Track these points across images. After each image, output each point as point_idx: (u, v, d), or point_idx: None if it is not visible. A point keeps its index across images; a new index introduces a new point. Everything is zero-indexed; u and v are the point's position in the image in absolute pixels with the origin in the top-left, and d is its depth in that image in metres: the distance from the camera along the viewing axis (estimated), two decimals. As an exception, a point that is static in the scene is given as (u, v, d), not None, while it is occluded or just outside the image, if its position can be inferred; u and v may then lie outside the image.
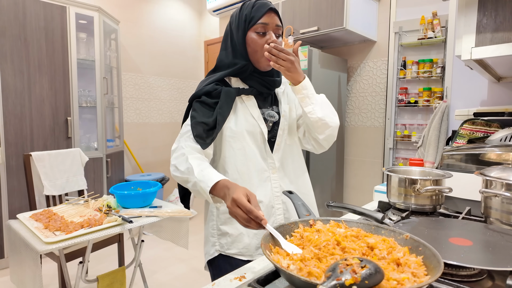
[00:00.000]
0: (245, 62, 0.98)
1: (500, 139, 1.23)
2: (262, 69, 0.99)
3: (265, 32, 0.96)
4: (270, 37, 0.95)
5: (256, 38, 0.95)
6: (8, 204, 2.34)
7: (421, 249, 0.57)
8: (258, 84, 1.01)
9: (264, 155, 1.01)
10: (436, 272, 0.48)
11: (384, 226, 0.67)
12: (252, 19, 0.95)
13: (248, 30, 0.96)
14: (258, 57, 0.97)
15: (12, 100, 2.33)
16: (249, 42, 0.96)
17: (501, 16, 0.92)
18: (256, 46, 0.95)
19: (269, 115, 1.03)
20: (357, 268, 0.44)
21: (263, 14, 0.94)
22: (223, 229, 1.00)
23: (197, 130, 0.95)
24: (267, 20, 0.95)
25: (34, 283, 1.26)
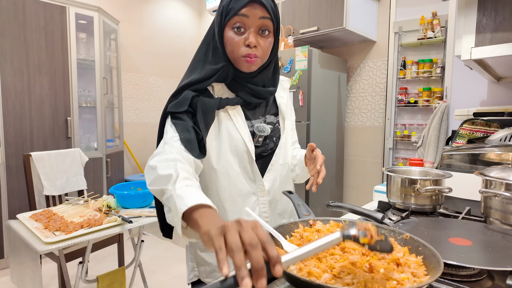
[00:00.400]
0: (224, 63, 0.81)
1: (500, 139, 1.23)
2: (244, 71, 0.82)
3: (244, 28, 0.78)
4: (248, 36, 0.78)
5: (233, 35, 0.78)
6: (8, 204, 2.34)
7: (421, 249, 0.57)
8: (246, 94, 0.85)
9: (252, 177, 0.86)
10: (436, 272, 0.48)
11: (384, 226, 0.67)
12: (230, 11, 0.77)
13: (225, 25, 0.79)
14: (235, 58, 0.80)
15: (12, 100, 2.33)
16: (226, 40, 0.80)
17: (501, 16, 0.92)
18: (233, 45, 0.79)
19: (258, 128, 0.86)
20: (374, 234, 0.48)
21: (243, 5, 0.75)
22: (202, 256, 0.89)
23: (186, 135, 0.75)
24: (248, 12, 0.76)
25: (34, 283, 1.26)
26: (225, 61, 0.82)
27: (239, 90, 0.85)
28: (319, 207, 2.54)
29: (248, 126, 0.86)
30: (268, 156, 0.90)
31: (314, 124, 2.44)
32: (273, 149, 0.91)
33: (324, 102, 2.54)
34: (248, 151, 0.85)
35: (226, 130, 0.84)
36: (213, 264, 0.88)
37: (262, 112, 0.91)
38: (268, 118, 0.91)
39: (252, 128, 0.87)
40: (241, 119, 0.85)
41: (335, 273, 0.50)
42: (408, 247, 0.59)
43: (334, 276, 0.49)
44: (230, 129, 0.84)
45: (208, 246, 0.45)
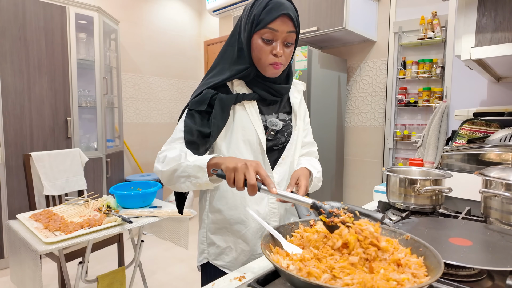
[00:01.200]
0: (248, 65, 0.89)
1: (500, 139, 1.23)
2: (268, 76, 0.91)
3: (272, 40, 0.85)
4: (275, 47, 0.85)
5: (262, 44, 0.86)
6: (8, 204, 2.34)
7: (422, 249, 0.57)
8: (262, 91, 0.92)
9: None
10: (436, 273, 0.48)
11: (385, 226, 0.67)
12: (260, 22, 0.83)
13: (254, 33, 0.86)
14: (262, 65, 0.88)
15: (12, 100, 2.33)
16: (253, 46, 0.87)
17: (501, 16, 0.92)
18: (260, 53, 0.86)
19: (270, 123, 0.93)
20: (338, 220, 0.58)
21: (274, 18, 0.82)
22: (212, 239, 0.96)
23: (190, 136, 0.85)
24: (278, 27, 0.83)
25: (34, 283, 1.26)
26: (249, 63, 0.89)
27: (257, 87, 0.91)
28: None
29: (261, 120, 0.92)
30: (279, 150, 0.96)
31: (314, 124, 2.44)
32: (284, 143, 0.96)
33: (324, 102, 2.54)
34: (260, 143, 0.90)
35: (240, 121, 0.90)
36: (221, 246, 0.94)
37: (276, 109, 0.97)
38: (280, 115, 0.97)
39: (265, 122, 0.92)
40: (256, 112, 0.91)
41: (334, 274, 0.50)
42: (409, 248, 0.59)
43: (334, 277, 0.49)
44: (244, 121, 0.90)
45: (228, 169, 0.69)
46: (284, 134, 0.96)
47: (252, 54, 0.88)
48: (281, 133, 0.95)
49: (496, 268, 0.58)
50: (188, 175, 0.77)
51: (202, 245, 0.98)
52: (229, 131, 0.90)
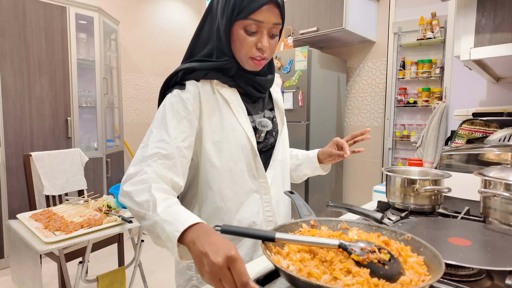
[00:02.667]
0: (228, 58, 0.78)
1: (499, 139, 1.23)
2: (248, 69, 0.81)
3: (257, 31, 0.75)
4: (260, 39, 0.75)
5: (244, 35, 0.74)
6: (8, 204, 2.34)
7: (422, 250, 0.58)
8: (246, 85, 0.83)
9: (255, 174, 0.84)
10: (438, 273, 0.48)
11: (385, 226, 0.67)
12: (243, 10, 0.72)
13: (235, 21, 0.74)
14: (241, 57, 0.78)
15: (12, 100, 2.33)
16: (234, 37, 0.76)
17: (500, 17, 0.92)
18: (242, 46, 0.75)
19: (261, 124, 0.84)
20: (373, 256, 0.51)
21: (259, 7, 0.71)
22: None
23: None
24: (263, 17, 0.72)
25: (34, 282, 1.26)
26: (229, 55, 0.78)
27: (240, 80, 0.82)
28: (319, 207, 2.54)
29: (249, 121, 0.84)
30: (268, 152, 0.89)
31: (313, 124, 2.45)
32: (273, 144, 0.90)
33: (323, 102, 2.54)
34: (252, 147, 0.83)
35: (229, 126, 0.81)
36: None
37: (261, 107, 0.89)
38: (266, 113, 0.90)
39: (253, 123, 0.85)
40: (244, 114, 0.83)
41: (335, 275, 0.50)
42: (410, 248, 0.59)
43: (334, 278, 0.50)
44: (233, 124, 0.81)
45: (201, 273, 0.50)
46: (273, 133, 0.89)
47: (232, 45, 0.77)
48: (270, 133, 0.88)
49: (496, 268, 0.58)
50: (158, 236, 0.60)
51: (189, 271, 0.84)
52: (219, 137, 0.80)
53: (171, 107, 0.75)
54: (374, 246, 0.53)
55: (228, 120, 0.80)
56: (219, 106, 0.80)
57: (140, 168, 0.68)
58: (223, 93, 0.81)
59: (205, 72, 0.79)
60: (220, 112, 0.80)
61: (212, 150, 0.80)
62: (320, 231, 0.66)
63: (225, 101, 0.81)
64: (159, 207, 0.60)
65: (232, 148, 0.80)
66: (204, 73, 0.79)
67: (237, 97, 0.83)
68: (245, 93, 0.85)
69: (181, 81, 0.79)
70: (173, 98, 0.76)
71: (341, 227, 0.69)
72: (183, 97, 0.76)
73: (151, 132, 0.74)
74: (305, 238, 0.56)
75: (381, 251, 0.52)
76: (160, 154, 0.70)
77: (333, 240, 0.54)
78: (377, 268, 0.50)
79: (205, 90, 0.79)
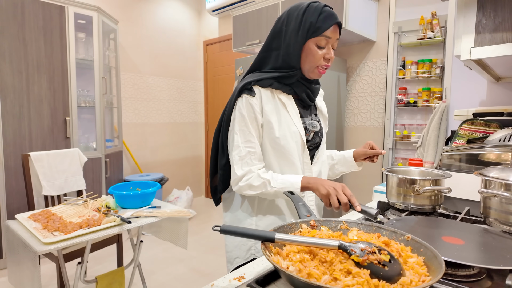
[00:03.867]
0: (296, 68, 0.95)
1: (499, 139, 1.23)
2: (310, 78, 0.99)
3: (325, 46, 0.93)
4: (328, 52, 0.94)
5: (316, 49, 0.93)
6: (7, 204, 2.33)
7: (423, 250, 0.57)
8: (303, 93, 1.00)
9: (303, 167, 1.01)
10: (438, 273, 0.48)
11: (386, 227, 0.67)
12: (317, 29, 0.90)
13: (309, 38, 0.92)
14: (310, 67, 0.95)
15: (11, 100, 2.32)
16: (307, 51, 0.93)
17: (500, 17, 0.92)
18: (314, 58, 0.93)
19: (311, 124, 1.02)
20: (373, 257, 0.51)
21: (330, 25, 0.90)
22: None
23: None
24: (331, 34, 0.92)
25: (32, 283, 1.25)
26: (297, 66, 0.95)
27: (298, 88, 0.99)
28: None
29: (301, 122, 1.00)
30: (312, 150, 1.05)
31: (313, 124, 2.44)
32: (318, 144, 1.06)
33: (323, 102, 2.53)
34: (303, 143, 0.99)
35: (286, 124, 0.97)
36: None
37: (310, 112, 1.06)
38: (313, 117, 1.07)
39: (304, 124, 1.01)
40: (297, 115, 0.99)
41: (335, 276, 0.49)
42: (410, 248, 0.59)
43: (334, 279, 0.49)
44: (289, 123, 0.97)
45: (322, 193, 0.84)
46: (319, 134, 1.06)
47: (303, 58, 0.94)
48: (317, 134, 1.04)
49: (491, 267, 0.59)
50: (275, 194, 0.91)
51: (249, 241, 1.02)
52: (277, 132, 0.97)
53: (246, 112, 0.94)
54: (374, 247, 0.53)
55: (285, 119, 0.97)
56: (277, 108, 0.97)
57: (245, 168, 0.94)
58: (281, 97, 0.98)
59: (270, 82, 0.96)
60: (278, 112, 0.97)
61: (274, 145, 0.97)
62: (320, 232, 0.66)
63: (282, 104, 0.98)
64: (272, 182, 0.91)
65: (288, 142, 0.97)
66: (269, 83, 0.96)
67: (292, 102, 1.00)
68: (298, 99, 1.02)
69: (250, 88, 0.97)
70: (245, 104, 0.95)
71: (341, 228, 0.69)
72: (251, 102, 0.94)
73: (237, 135, 0.95)
74: (305, 239, 0.56)
75: (381, 252, 0.52)
76: (251, 153, 0.95)
77: (333, 241, 0.55)
78: (377, 269, 0.49)
79: (266, 94, 0.97)
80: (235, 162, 0.95)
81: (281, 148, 0.97)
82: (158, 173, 3.57)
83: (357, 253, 0.52)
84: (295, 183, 0.89)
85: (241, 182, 0.94)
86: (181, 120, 4.15)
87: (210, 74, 4.26)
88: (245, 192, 0.94)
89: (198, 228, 3.27)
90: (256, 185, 0.92)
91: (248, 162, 0.94)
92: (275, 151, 0.97)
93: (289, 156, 0.97)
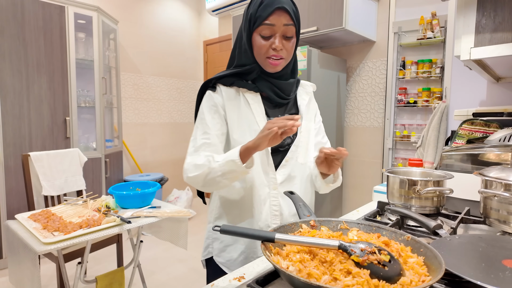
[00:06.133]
0: (252, 64, 0.92)
1: (499, 139, 1.23)
2: (269, 71, 0.93)
3: (271, 35, 0.88)
4: (274, 40, 0.87)
5: (261, 41, 0.88)
6: (7, 204, 2.33)
7: (423, 250, 0.57)
8: (267, 89, 0.94)
9: (266, 169, 0.94)
10: (438, 274, 0.48)
11: (386, 227, 0.67)
12: (257, 19, 0.86)
13: (253, 31, 0.89)
14: (261, 60, 0.91)
15: (11, 100, 2.32)
16: (254, 44, 0.90)
17: (500, 17, 0.92)
18: (260, 49, 0.89)
19: None
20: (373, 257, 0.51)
21: (269, 14, 0.85)
22: (217, 234, 0.99)
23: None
24: (274, 21, 0.85)
25: (32, 283, 1.25)
26: (252, 62, 0.92)
27: (263, 85, 0.94)
28: (318, 206, 2.54)
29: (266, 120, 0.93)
30: (283, 152, 0.97)
31: (313, 124, 2.44)
32: (289, 145, 0.97)
33: (323, 102, 2.53)
34: None
35: (247, 123, 0.92)
36: (224, 242, 0.97)
37: (282, 111, 0.98)
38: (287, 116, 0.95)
39: None
40: (262, 114, 0.93)
41: (335, 276, 0.49)
42: (410, 248, 0.59)
43: (334, 279, 0.49)
44: (250, 122, 0.92)
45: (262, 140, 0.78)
46: (290, 136, 0.95)
47: (254, 52, 0.91)
48: None
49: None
50: (223, 173, 0.83)
51: (207, 239, 1.02)
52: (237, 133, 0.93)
53: (206, 105, 0.93)
54: (374, 247, 0.52)
55: (246, 117, 0.92)
56: (240, 106, 0.93)
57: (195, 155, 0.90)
58: (246, 95, 0.94)
59: (232, 80, 0.94)
60: (239, 111, 0.93)
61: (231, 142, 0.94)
62: (320, 232, 0.66)
63: (246, 102, 0.93)
64: (216, 157, 0.84)
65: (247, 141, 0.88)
66: (231, 82, 0.94)
67: (258, 100, 0.94)
68: (267, 98, 0.95)
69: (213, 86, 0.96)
70: (206, 98, 0.94)
71: (341, 228, 0.69)
72: (213, 95, 0.93)
73: (197, 128, 0.93)
74: (305, 239, 0.57)
75: (381, 252, 0.52)
76: (206, 144, 0.90)
77: (333, 241, 0.55)
78: (377, 269, 0.49)
79: (229, 92, 0.94)
80: (189, 153, 0.92)
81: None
82: (158, 173, 3.57)
83: (357, 253, 0.52)
84: (234, 151, 0.82)
85: (187, 165, 0.89)
86: (181, 120, 4.14)
87: (210, 74, 4.26)
88: (191, 174, 0.87)
89: (198, 228, 3.27)
90: (200, 163, 0.86)
91: (200, 153, 0.89)
92: None
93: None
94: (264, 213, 0.93)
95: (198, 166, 0.86)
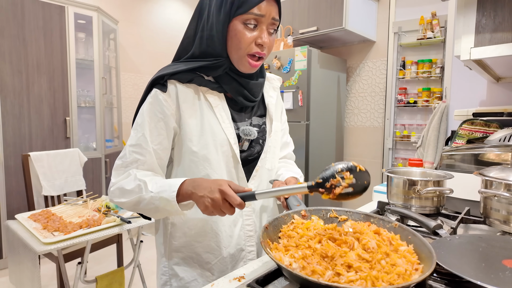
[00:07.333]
0: (221, 57, 0.74)
1: (499, 139, 1.23)
2: (241, 71, 0.76)
3: (257, 25, 0.71)
4: (261, 35, 0.72)
5: (244, 31, 0.70)
6: (7, 204, 2.33)
7: (410, 237, 0.60)
8: (234, 93, 0.77)
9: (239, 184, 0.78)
10: (431, 262, 0.49)
11: (373, 214, 0.70)
12: (243, 4, 0.69)
13: (234, 16, 0.70)
14: (240, 55, 0.73)
15: (11, 100, 2.32)
16: (232, 33, 0.71)
17: (500, 17, 0.92)
18: (240, 42, 0.71)
19: (244, 132, 0.78)
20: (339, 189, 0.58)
21: (260, 1, 0.69)
22: (175, 270, 0.81)
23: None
24: (264, 11, 0.70)
25: (32, 283, 1.25)
26: (222, 53, 0.74)
27: (229, 85, 0.77)
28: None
29: (234, 128, 0.78)
30: (254, 161, 0.83)
31: (313, 124, 2.44)
32: (259, 152, 0.83)
33: (323, 102, 2.53)
34: (234, 155, 0.78)
35: (210, 130, 0.75)
36: (186, 279, 0.80)
37: (249, 114, 0.83)
38: (254, 120, 0.84)
39: (237, 130, 0.79)
40: (228, 119, 0.78)
41: (338, 271, 0.50)
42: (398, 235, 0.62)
43: (337, 274, 0.50)
44: (215, 129, 0.76)
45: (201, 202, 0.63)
46: (260, 141, 0.83)
47: (229, 41, 0.73)
48: (256, 141, 0.82)
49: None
50: (156, 207, 0.67)
51: (163, 276, 0.83)
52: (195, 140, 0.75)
53: (149, 110, 0.74)
54: (339, 177, 0.58)
55: (209, 124, 0.75)
56: (201, 109, 0.76)
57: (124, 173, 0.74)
58: (208, 96, 0.77)
59: (191, 76, 0.75)
60: (201, 115, 0.76)
61: (190, 156, 0.76)
62: (311, 221, 0.68)
63: (209, 105, 0.77)
64: (149, 185, 0.68)
65: (211, 154, 0.75)
66: (189, 78, 0.75)
67: (222, 102, 0.78)
68: (232, 99, 0.80)
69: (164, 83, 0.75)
70: (151, 99, 0.74)
71: (331, 216, 0.72)
72: (160, 98, 0.73)
73: (131, 137, 0.75)
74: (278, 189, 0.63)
75: (344, 176, 0.58)
76: (139, 161, 0.73)
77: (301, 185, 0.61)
78: (345, 194, 0.58)
79: (186, 92, 0.75)
80: (115, 168, 0.75)
81: (201, 161, 0.75)
82: (158, 173, 3.57)
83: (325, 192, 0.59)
84: (173, 185, 0.65)
85: (113, 187, 0.73)
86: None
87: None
88: (117, 200, 0.72)
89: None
90: (130, 188, 0.69)
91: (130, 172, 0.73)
92: (194, 165, 0.76)
93: (211, 172, 0.75)
94: (235, 237, 0.80)
95: (126, 192, 0.70)
